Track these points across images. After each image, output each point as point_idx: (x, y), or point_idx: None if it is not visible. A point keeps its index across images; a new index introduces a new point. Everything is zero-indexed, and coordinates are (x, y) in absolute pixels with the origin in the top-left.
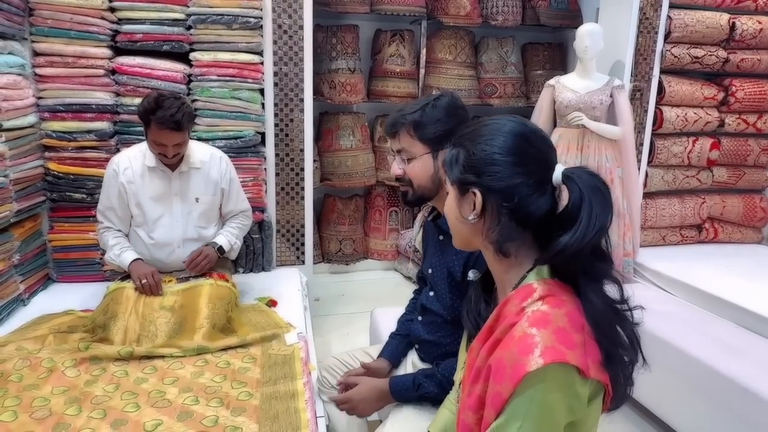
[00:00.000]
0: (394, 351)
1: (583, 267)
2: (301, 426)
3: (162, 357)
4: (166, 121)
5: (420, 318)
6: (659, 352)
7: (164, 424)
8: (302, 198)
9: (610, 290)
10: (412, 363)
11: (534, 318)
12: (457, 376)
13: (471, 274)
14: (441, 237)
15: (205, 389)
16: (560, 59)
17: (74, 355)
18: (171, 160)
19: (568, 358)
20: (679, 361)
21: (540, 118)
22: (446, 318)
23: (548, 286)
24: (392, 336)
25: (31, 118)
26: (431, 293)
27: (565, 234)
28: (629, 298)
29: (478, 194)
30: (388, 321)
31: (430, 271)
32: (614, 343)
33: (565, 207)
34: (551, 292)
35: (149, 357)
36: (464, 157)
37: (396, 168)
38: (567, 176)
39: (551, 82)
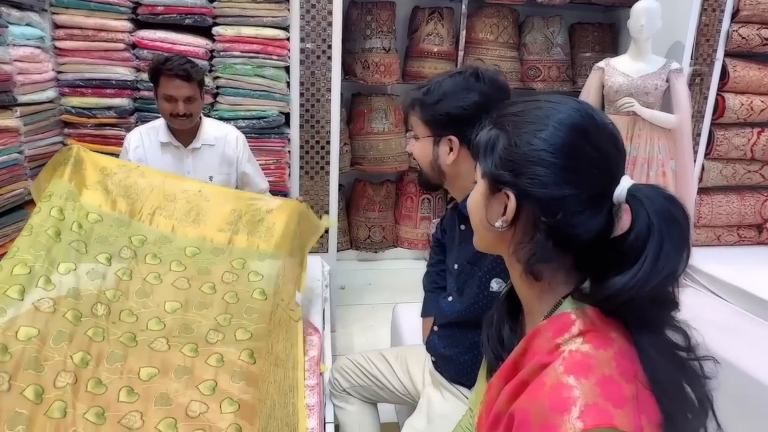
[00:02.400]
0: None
1: (637, 313)
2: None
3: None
4: (175, 68)
5: (436, 329)
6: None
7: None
8: (327, 183)
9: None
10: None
11: (572, 362)
12: (474, 404)
13: (494, 284)
14: (462, 227)
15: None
16: (611, 41)
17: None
18: (183, 122)
19: (616, 421)
20: (735, 380)
21: None
22: (469, 323)
23: (590, 319)
24: (430, 290)
25: (50, 93)
26: (450, 298)
27: (620, 273)
28: (697, 345)
29: (512, 198)
30: (411, 318)
31: (456, 267)
32: (679, 405)
33: (625, 233)
34: (594, 326)
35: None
36: (503, 146)
37: (409, 146)
38: (634, 195)
39: (600, 64)
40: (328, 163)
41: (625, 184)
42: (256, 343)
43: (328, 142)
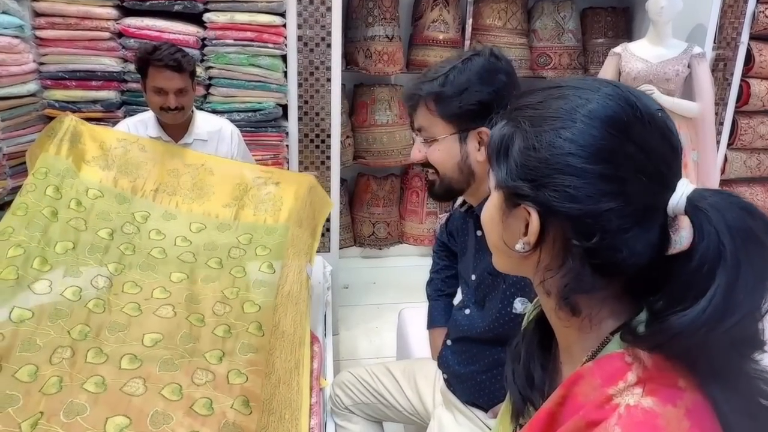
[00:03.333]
0: (449, 312)
1: (708, 360)
2: None
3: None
4: (165, 57)
5: (450, 343)
6: None
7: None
8: (328, 179)
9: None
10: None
11: (632, 422)
12: None
13: (518, 304)
14: (479, 233)
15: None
16: (625, 26)
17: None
18: (174, 115)
19: None
20: None
21: None
22: (489, 340)
23: (653, 363)
24: (435, 299)
25: (32, 86)
26: (467, 311)
27: (682, 311)
28: None
29: (534, 216)
30: (418, 324)
31: (473, 277)
32: None
33: (686, 254)
34: (659, 374)
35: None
36: (518, 149)
37: (415, 151)
38: (695, 206)
39: (617, 49)
40: (329, 157)
41: (683, 189)
42: (264, 315)
43: (329, 136)
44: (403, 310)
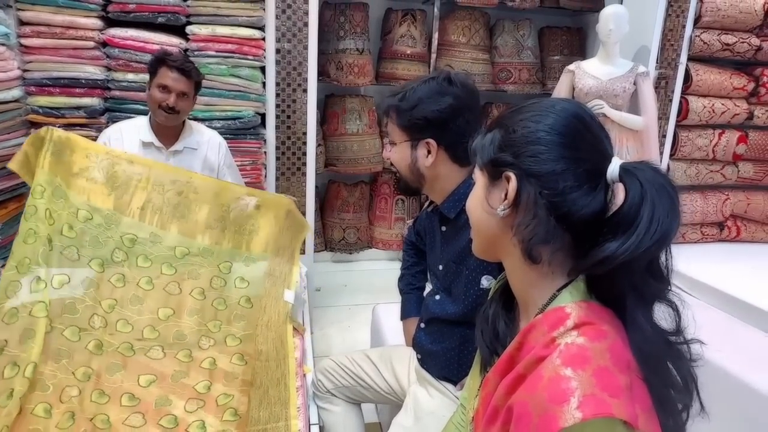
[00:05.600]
0: (420, 304)
1: (632, 284)
2: None
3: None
4: (179, 61)
5: (423, 326)
6: None
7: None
8: (304, 184)
9: (662, 317)
10: (413, 382)
11: (568, 354)
12: (466, 400)
13: (485, 281)
14: (444, 228)
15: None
16: (579, 45)
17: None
18: (170, 117)
19: (613, 410)
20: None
21: None
22: (458, 321)
23: (585, 311)
24: (407, 292)
25: (16, 92)
26: (437, 296)
27: (614, 239)
28: (685, 329)
29: (513, 179)
30: (391, 318)
31: (440, 267)
32: (666, 383)
33: (619, 208)
34: (589, 318)
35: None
36: (500, 137)
37: (386, 152)
38: (626, 170)
39: (571, 67)
40: (304, 164)
41: (616, 161)
42: (246, 347)
43: (305, 143)
44: (376, 306)
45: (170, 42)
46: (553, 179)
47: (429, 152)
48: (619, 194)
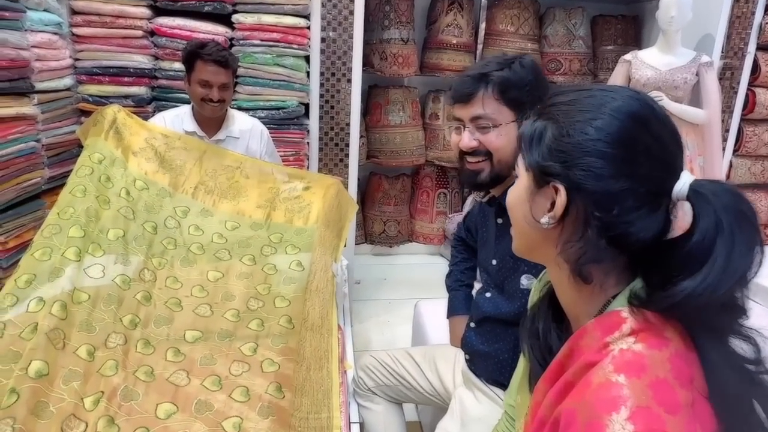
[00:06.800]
0: (468, 302)
1: (703, 319)
2: None
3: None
4: (213, 53)
5: (473, 325)
6: None
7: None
8: (346, 176)
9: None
10: (459, 386)
11: (623, 361)
12: (510, 409)
13: (524, 280)
14: (500, 220)
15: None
16: (634, 34)
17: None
18: (215, 108)
19: (668, 427)
20: None
21: None
22: (513, 320)
23: (644, 317)
24: (455, 289)
25: (68, 81)
26: (488, 294)
27: (688, 278)
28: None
29: (562, 191)
30: (434, 315)
31: (494, 262)
32: (742, 419)
33: (687, 234)
34: (648, 324)
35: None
36: (552, 136)
37: (468, 139)
38: (696, 191)
39: (627, 57)
40: (347, 155)
41: (686, 179)
42: (294, 309)
43: (348, 134)
44: (418, 302)
45: (216, 31)
46: (607, 200)
47: None
48: (684, 215)
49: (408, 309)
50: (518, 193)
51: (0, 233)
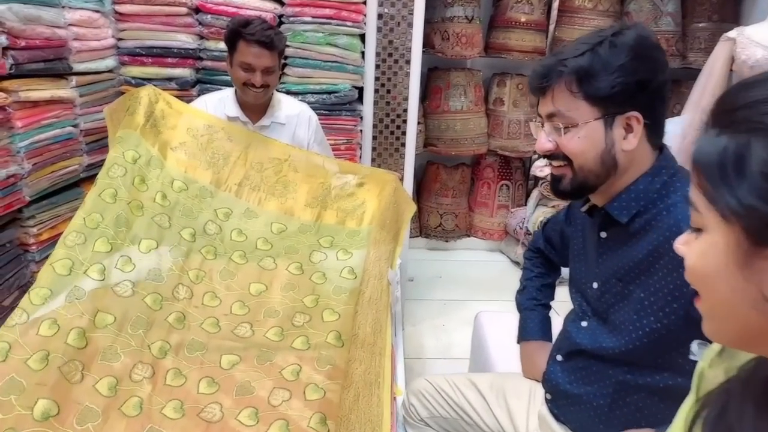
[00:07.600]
0: (546, 325)
1: None
2: None
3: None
4: (257, 33)
5: (560, 358)
6: None
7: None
8: (402, 166)
9: None
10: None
11: None
12: None
13: (695, 346)
14: (603, 234)
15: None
16: (732, 9)
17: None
18: (258, 94)
19: None
20: None
21: (709, 84)
22: (616, 358)
23: None
24: (530, 309)
25: (110, 62)
26: (584, 323)
27: None
28: None
29: None
30: (499, 330)
31: (595, 286)
32: None
33: None
34: None
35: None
36: (764, 159)
37: (544, 140)
38: None
39: (731, 34)
40: (403, 144)
41: None
42: (344, 323)
43: (405, 121)
44: (479, 313)
45: (264, 7)
46: None
47: (629, 131)
48: None
49: (465, 312)
50: (715, 259)
51: (33, 224)
